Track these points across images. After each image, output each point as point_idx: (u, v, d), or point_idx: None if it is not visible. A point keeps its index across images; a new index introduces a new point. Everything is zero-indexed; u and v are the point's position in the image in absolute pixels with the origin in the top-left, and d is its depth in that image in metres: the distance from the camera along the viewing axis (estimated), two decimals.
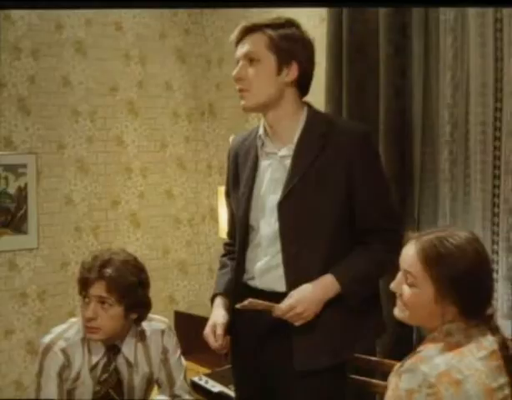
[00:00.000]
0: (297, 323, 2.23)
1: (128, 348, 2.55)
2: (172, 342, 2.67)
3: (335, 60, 3.42)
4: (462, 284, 1.80)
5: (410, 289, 1.85)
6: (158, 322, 2.67)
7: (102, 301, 2.42)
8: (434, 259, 1.82)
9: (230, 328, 2.42)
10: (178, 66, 4.80)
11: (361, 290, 2.27)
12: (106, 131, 4.50)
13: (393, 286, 1.91)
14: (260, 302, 2.26)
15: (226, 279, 2.51)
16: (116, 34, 4.50)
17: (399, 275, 1.91)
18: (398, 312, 1.92)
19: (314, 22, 3.69)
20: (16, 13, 4.06)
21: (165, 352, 2.64)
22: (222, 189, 4.11)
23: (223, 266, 2.59)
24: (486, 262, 1.88)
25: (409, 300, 1.86)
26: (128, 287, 2.43)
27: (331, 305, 2.25)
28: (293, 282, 2.26)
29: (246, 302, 2.27)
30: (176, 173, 4.84)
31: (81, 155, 4.38)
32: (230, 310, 2.42)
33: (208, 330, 2.40)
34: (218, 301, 2.47)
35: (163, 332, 2.65)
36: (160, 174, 4.77)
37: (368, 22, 3.32)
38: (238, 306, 2.29)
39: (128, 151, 4.61)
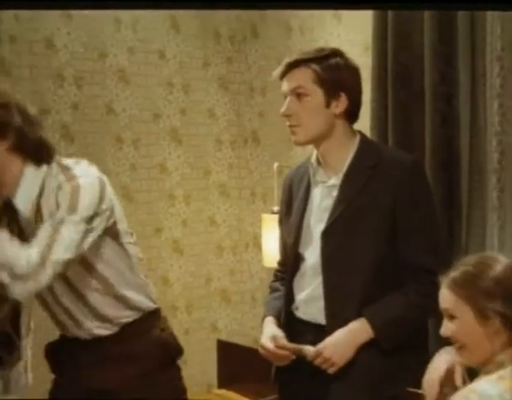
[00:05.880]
0: (330, 370, 2.20)
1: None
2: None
3: (380, 88, 3.40)
4: (497, 293, 1.79)
5: (453, 323, 1.84)
6: None
7: None
8: (461, 280, 1.82)
9: None
10: (221, 93, 4.79)
11: (395, 334, 2.22)
12: (149, 158, 4.51)
13: (442, 331, 1.89)
14: (288, 345, 2.26)
15: (276, 304, 2.48)
16: (159, 62, 4.51)
17: (444, 319, 1.89)
18: (459, 359, 1.89)
19: (358, 51, 3.66)
20: (59, 41, 4.10)
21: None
22: (266, 217, 4.12)
23: (274, 290, 2.57)
24: None
25: (457, 334, 1.84)
26: None
27: (369, 347, 2.21)
28: (332, 315, 2.24)
29: (275, 341, 2.28)
30: (219, 200, 4.82)
31: (124, 182, 4.39)
32: None
33: (265, 341, 2.35)
34: (270, 319, 2.44)
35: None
36: (203, 201, 4.75)
37: (413, 49, 3.31)
38: (266, 343, 2.30)
39: (172, 178, 4.61)
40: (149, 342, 2.31)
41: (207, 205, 4.77)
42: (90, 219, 2.11)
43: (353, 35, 3.98)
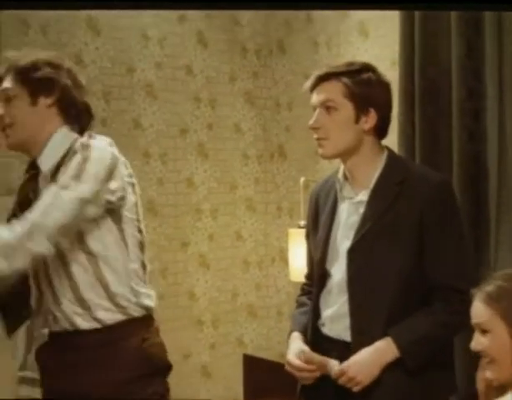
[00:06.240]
0: (354, 389, 2.18)
1: None
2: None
3: (407, 103, 3.38)
4: None
5: (485, 337, 1.82)
6: None
7: None
8: (496, 294, 1.81)
9: None
10: (248, 108, 4.81)
11: (421, 353, 2.19)
12: (176, 173, 4.53)
13: (472, 345, 1.87)
14: (316, 356, 2.24)
15: (302, 320, 2.46)
16: (186, 77, 4.54)
17: (475, 333, 1.87)
18: (489, 373, 1.87)
19: (385, 66, 3.64)
20: (87, 57, 4.14)
21: None
22: (292, 231, 4.12)
23: (300, 304, 2.55)
24: None
25: (489, 348, 1.83)
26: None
27: (394, 367, 2.18)
28: (358, 333, 2.22)
29: (301, 355, 2.25)
30: (245, 215, 4.83)
31: (151, 196, 4.41)
32: None
33: (291, 357, 2.33)
34: (297, 335, 2.42)
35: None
36: (230, 216, 4.76)
37: (440, 64, 3.28)
38: (292, 359, 2.27)
39: (198, 192, 4.62)
40: (129, 349, 2.23)
41: (233, 219, 4.77)
42: (95, 192, 2.12)
43: (379, 50, 3.97)
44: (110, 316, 2.22)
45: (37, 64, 2.22)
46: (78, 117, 2.28)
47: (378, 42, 4.03)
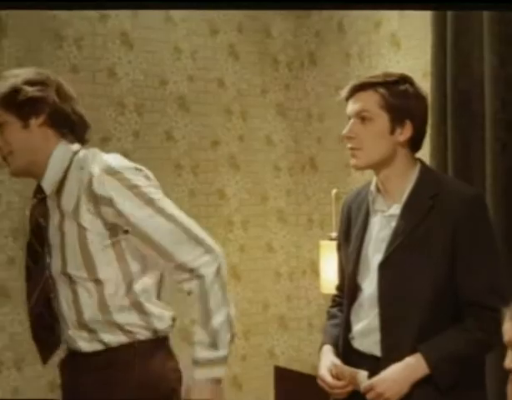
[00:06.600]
0: None
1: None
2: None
3: (439, 115, 3.36)
4: None
5: None
6: None
7: None
8: None
9: None
10: (279, 120, 4.82)
11: (452, 371, 2.14)
12: (208, 184, 4.55)
13: (506, 363, 1.84)
14: (346, 368, 2.23)
15: (334, 332, 2.44)
16: (218, 90, 4.56)
17: (508, 351, 1.84)
18: None
19: (417, 77, 3.60)
20: (121, 70, 4.18)
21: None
22: (324, 243, 4.11)
23: (332, 316, 2.53)
24: None
25: None
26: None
27: (424, 384, 2.15)
28: (388, 348, 2.20)
29: (332, 367, 2.24)
30: (277, 226, 4.83)
31: (183, 208, 4.40)
32: None
33: (323, 373, 2.31)
34: (329, 348, 2.40)
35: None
36: (261, 227, 4.76)
37: (472, 75, 3.25)
38: (324, 375, 2.26)
39: (230, 204, 4.63)
40: (133, 372, 2.18)
41: (264, 231, 4.78)
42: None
43: (411, 61, 3.96)
44: (115, 338, 2.19)
45: (17, 87, 2.15)
46: (73, 129, 2.23)
47: (409, 53, 4.02)
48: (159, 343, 2.26)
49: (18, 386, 3.85)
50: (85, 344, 2.20)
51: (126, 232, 2.16)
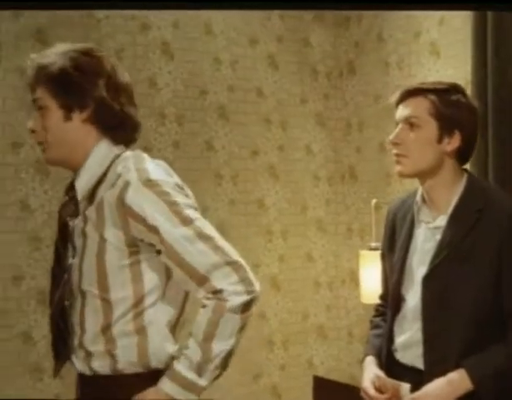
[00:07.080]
0: None
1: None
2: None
3: (480, 122, 3.34)
4: None
5: None
6: None
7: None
8: None
9: None
10: (319, 130, 4.82)
11: (496, 388, 2.10)
12: (247, 194, 4.56)
13: None
14: (389, 381, 2.20)
15: (376, 343, 2.42)
16: (257, 99, 4.59)
17: None
18: None
19: None
20: (161, 80, 4.22)
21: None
22: (364, 253, 4.09)
23: (375, 326, 2.51)
24: None
25: None
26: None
27: None
28: (431, 362, 2.17)
29: (375, 379, 2.23)
30: (316, 236, 4.83)
31: (223, 217, 4.45)
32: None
33: (367, 385, 2.28)
34: (371, 359, 2.39)
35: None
36: (300, 237, 4.76)
37: None
38: (367, 388, 2.24)
39: (269, 214, 4.64)
40: None
41: (304, 240, 4.78)
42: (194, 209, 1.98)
43: (451, 70, 3.94)
44: (103, 369, 1.99)
45: (67, 71, 1.93)
46: (119, 127, 2.03)
47: (449, 62, 4.00)
48: (151, 376, 1.98)
49: (60, 393, 3.88)
50: (78, 364, 2.03)
51: (158, 252, 1.92)
